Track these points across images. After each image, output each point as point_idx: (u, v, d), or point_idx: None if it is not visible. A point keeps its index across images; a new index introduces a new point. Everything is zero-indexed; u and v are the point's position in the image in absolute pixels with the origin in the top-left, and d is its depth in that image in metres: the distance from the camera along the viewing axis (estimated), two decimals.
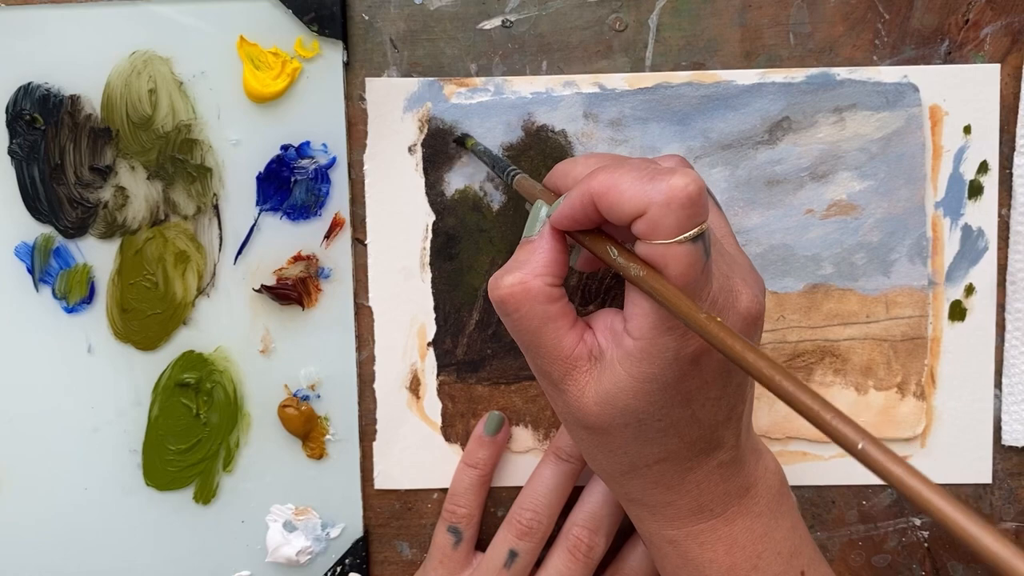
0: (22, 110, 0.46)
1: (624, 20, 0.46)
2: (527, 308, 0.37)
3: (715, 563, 0.39)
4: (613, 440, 0.37)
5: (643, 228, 0.33)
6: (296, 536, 0.48)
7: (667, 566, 0.40)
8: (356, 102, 0.47)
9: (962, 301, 0.47)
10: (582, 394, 0.37)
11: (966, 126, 0.46)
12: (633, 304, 0.35)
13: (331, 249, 0.47)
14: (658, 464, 0.38)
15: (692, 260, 0.33)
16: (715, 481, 0.39)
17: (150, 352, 0.48)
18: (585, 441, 0.39)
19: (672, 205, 0.33)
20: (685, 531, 0.39)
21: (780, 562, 0.40)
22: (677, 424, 0.37)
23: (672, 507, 0.39)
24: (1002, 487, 0.48)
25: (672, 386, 0.36)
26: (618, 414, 0.36)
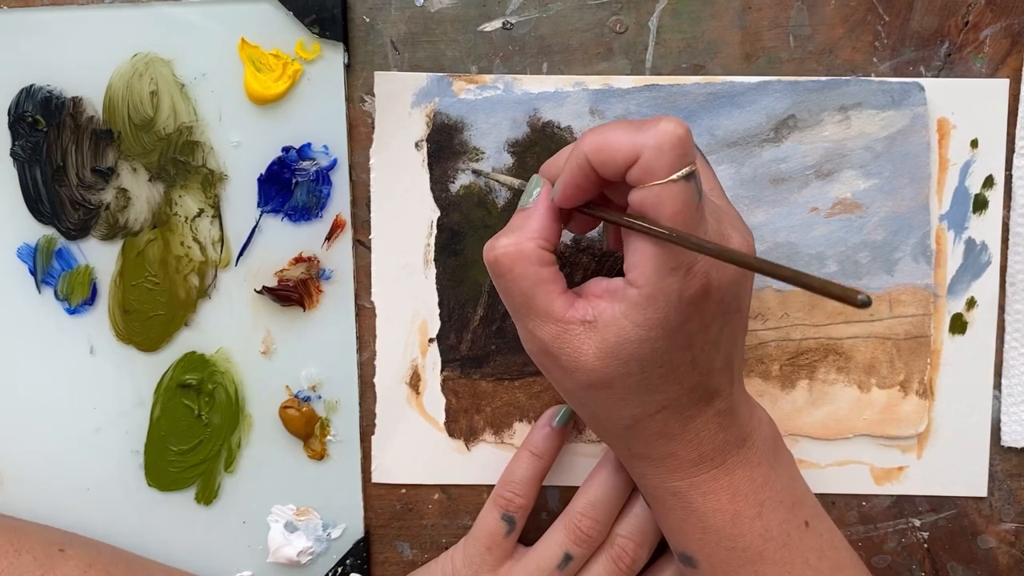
0: (24, 112, 0.47)
1: (624, 22, 0.46)
2: (520, 269, 0.38)
3: (719, 512, 0.40)
4: (615, 393, 0.38)
5: (638, 173, 0.35)
6: (297, 536, 0.48)
7: (671, 520, 0.41)
8: (357, 104, 0.47)
9: (963, 314, 0.47)
10: (579, 353, 0.38)
11: (973, 140, 0.47)
12: (635, 253, 0.37)
13: (332, 250, 0.47)
14: (660, 413, 0.39)
15: (687, 197, 0.35)
16: (713, 430, 0.40)
17: (152, 353, 0.48)
18: (586, 401, 0.40)
19: (663, 146, 0.35)
20: (688, 481, 0.40)
21: (783, 510, 0.41)
22: (678, 369, 0.38)
23: (674, 458, 0.40)
24: (1001, 488, 0.48)
25: (676, 329, 0.37)
26: (621, 364, 0.37)
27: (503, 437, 0.48)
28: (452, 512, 0.49)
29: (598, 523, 0.45)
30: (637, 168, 0.35)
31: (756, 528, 0.40)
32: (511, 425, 0.48)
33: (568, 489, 0.48)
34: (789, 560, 0.40)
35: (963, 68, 0.46)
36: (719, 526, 0.40)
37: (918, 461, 0.48)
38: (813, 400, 0.48)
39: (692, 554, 0.41)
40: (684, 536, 0.41)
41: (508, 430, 0.48)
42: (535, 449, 0.47)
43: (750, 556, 0.40)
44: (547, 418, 0.47)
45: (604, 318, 0.38)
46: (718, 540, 0.40)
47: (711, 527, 0.40)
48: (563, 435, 0.47)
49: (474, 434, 0.49)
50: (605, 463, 0.46)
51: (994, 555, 0.49)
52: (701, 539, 0.40)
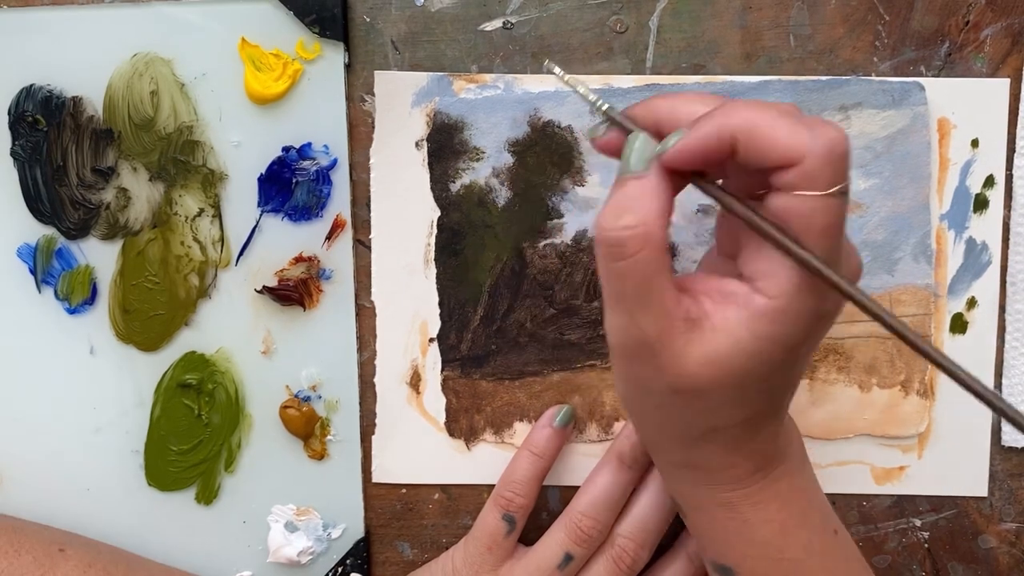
0: (24, 112, 0.47)
1: (625, 22, 0.46)
2: (646, 254, 0.34)
3: (769, 522, 0.38)
4: (703, 403, 0.36)
5: (794, 179, 0.32)
6: (297, 536, 0.48)
7: (715, 532, 0.39)
8: (357, 103, 0.47)
9: (964, 314, 0.47)
10: (681, 354, 0.34)
11: (974, 140, 0.47)
12: (770, 260, 0.33)
13: (332, 250, 0.47)
14: (737, 426, 0.37)
15: (840, 214, 0.33)
16: (771, 440, 0.38)
17: (152, 353, 0.48)
18: (664, 405, 0.36)
19: (832, 156, 0.32)
20: (741, 492, 0.38)
21: (818, 519, 0.40)
22: (777, 386, 0.36)
23: (733, 469, 0.38)
24: (1002, 488, 0.48)
25: (794, 348, 0.34)
26: (724, 376, 0.34)
27: (503, 437, 0.48)
28: (452, 512, 0.49)
29: (599, 523, 0.45)
30: (795, 173, 0.32)
31: (800, 538, 0.39)
32: (511, 425, 0.48)
33: (568, 489, 0.48)
34: (825, 569, 0.39)
35: (964, 68, 0.46)
36: (767, 538, 0.38)
37: (919, 461, 0.48)
38: (814, 400, 0.48)
39: (732, 566, 0.40)
40: (728, 548, 0.39)
41: (508, 430, 0.48)
42: (535, 449, 0.46)
43: (792, 568, 0.39)
44: (547, 418, 0.47)
45: (715, 322, 0.34)
46: (765, 552, 0.39)
47: (759, 539, 0.38)
48: (564, 435, 0.47)
49: (474, 434, 0.49)
50: (606, 463, 0.46)
51: (995, 555, 0.49)
52: (746, 552, 0.39)
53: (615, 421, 0.48)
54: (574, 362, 0.48)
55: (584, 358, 0.48)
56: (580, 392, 0.48)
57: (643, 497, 0.46)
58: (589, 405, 0.48)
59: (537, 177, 0.47)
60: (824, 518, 0.40)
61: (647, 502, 0.46)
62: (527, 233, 0.47)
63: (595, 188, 0.47)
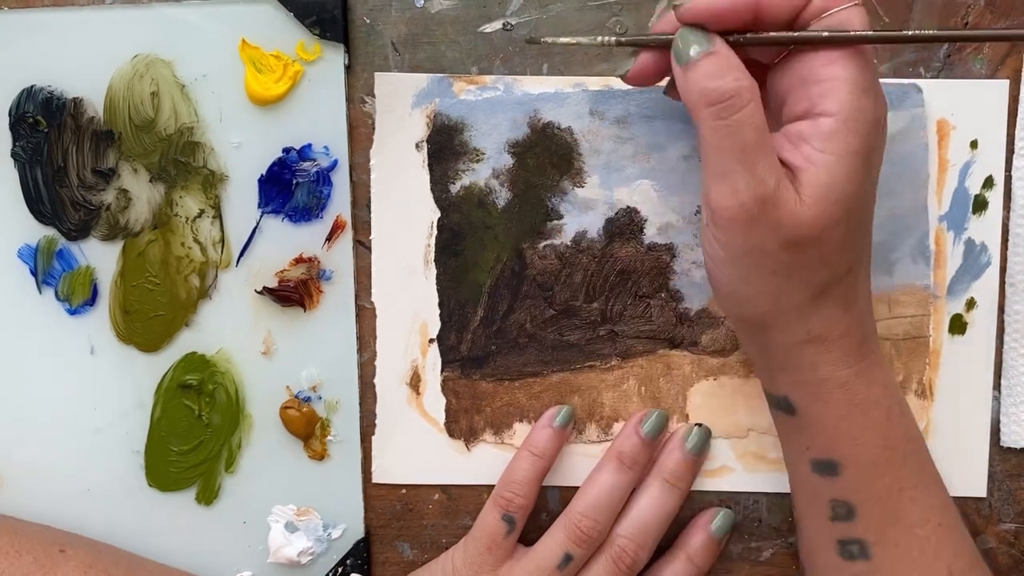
0: (25, 113, 0.47)
1: (624, 23, 0.46)
2: (756, 103, 0.37)
3: (879, 404, 0.40)
4: (820, 250, 0.38)
5: (822, 1, 0.37)
6: (298, 537, 0.49)
7: (829, 418, 0.40)
8: (358, 105, 0.47)
9: (963, 315, 0.47)
10: (798, 200, 0.37)
11: (973, 141, 0.47)
12: (822, 83, 0.37)
13: (332, 251, 0.47)
14: (847, 276, 0.39)
15: (867, 21, 0.37)
16: (870, 307, 0.41)
17: (152, 354, 0.48)
18: (784, 268, 0.38)
19: None
20: (856, 368, 0.40)
21: (909, 412, 0.42)
22: (867, 216, 0.39)
23: (848, 337, 0.40)
24: (1001, 488, 0.48)
25: (870, 161, 0.37)
26: (833, 208, 0.37)
27: (503, 437, 0.48)
28: (452, 512, 0.49)
29: (598, 523, 0.45)
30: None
31: (902, 427, 0.41)
32: (511, 425, 0.48)
33: (568, 489, 0.48)
34: (923, 465, 0.42)
35: (963, 69, 0.46)
36: (877, 421, 0.40)
37: None
38: None
39: (840, 458, 0.41)
40: (839, 436, 0.40)
41: (508, 430, 0.48)
42: (535, 449, 0.47)
43: (897, 458, 0.40)
44: (547, 418, 0.47)
45: (800, 165, 0.37)
46: (874, 438, 0.40)
47: (870, 422, 0.40)
48: (563, 435, 0.47)
49: (474, 434, 0.49)
50: (605, 463, 0.46)
51: (994, 555, 0.49)
52: (858, 437, 0.40)
53: (614, 422, 0.48)
54: (574, 363, 0.48)
55: (584, 359, 0.48)
56: (580, 393, 0.48)
57: (643, 497, 0.46)
58: (588, 406, 0.48)
59: (537, 178, 0.47)
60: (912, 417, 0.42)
61: (647, 502, 0.46)
62: (527, 234, 0.47)
63: (595, 189, 0.47)
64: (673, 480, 0.46)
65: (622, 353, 0.48)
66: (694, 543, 0.47)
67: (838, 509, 0.41)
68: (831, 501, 0.41)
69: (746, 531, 0.49)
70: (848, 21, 0.37)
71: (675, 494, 0.46)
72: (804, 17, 0.38)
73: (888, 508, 0.41)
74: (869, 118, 0.37)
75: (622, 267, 0.48)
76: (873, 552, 0.41)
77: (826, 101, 0.37)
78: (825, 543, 0.42)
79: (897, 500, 0.40)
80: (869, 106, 0.37)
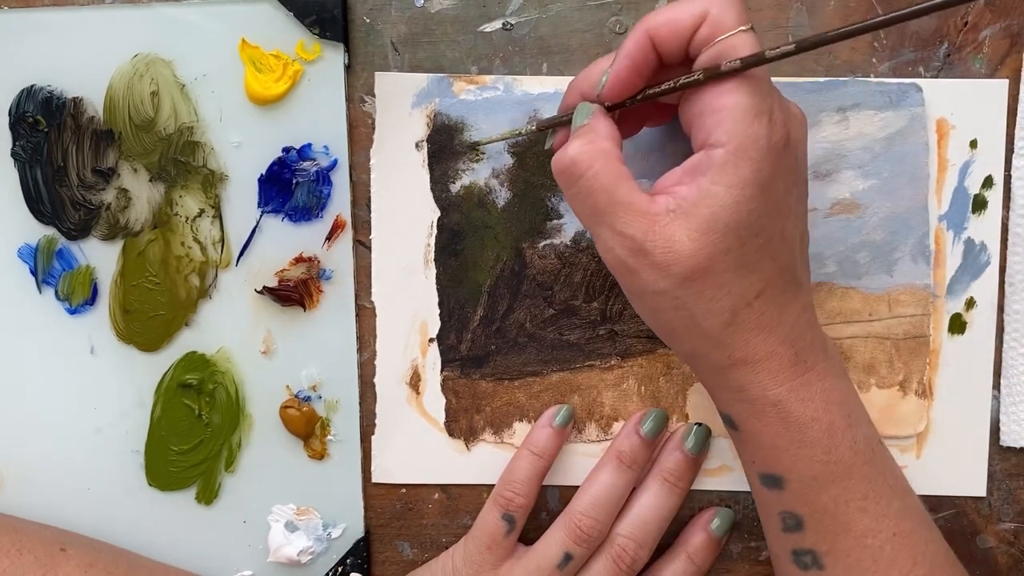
0: (25, 112, 0.47)
1: (624, 23, 0.46)
2: (600, 165, 0.38)
3: (816, 421, 0.39)
4: (715, 279, 0.37)
5: (707, 31, 0.37)
6: (298, 536, 0.49)
7: (766, 437, 0.40)
8: (357, 104, 0.47)
9: (962, 314, 0.47)
10: (673, 241, 0.37)
11: (972, 140, 0.47)
12: (713, 114, 0.37)
13: (332, 251, 0.48)
14: (757, 300, 0.38)
15: (756, 44, 0.37)
16: (804, 325, 0.40)
17: (152, 353, 0.48)
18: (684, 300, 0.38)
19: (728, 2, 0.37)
20: (787, 387, 0.39)
21: (864, 424, 0.41)
22: (771, 240, 0.38)
23: (774, 358, 0.39)
24: (1000, 488, 0.48)
25: (767, 186, 0.37)
26: (719, 239, 0.37)
27: (503, 437, 0.49)
28: (452, 512, 0.49)
29: (598, 522, 0.45)
30: (706, 26, 0.37)
31: (847, 440, 0.40)
32: (511, 425, 0.48)
33: (568, 489, 0.48)
34: (873, 476, 0.40)
35: (962, 68, 0.46)
36: (815, 437, 0.39)
37: (917, 461, 0.48)
38: None
39: (782, 473, 0.40)
40: (777, 453, 0.40)
41: (508, 430, 0.49)
42: (535, 448, 0.47)
43: (841, 471, 0.40)
44: (547, 418, 0.47)
45: (691, 198, 0.37)
46: (812, 453, 0.40)
47: (808, 439, 0.39)
48: (563, 435, 0.47)
49: (474, 434, 0.49)
50: (605, 463, 0.46)
51: (993, 555, 0.49)
52: (796, 453, 0.40)
53: (614, 421, 0.48)
54: (573, 362, 0.48)
55: (583, 358, 0.48)
56: (579, 392, 0.48)
57: (643, 497, 0.46)
58: (588, 405, 0.48)
59: (536, 178, 0.47)
60: (869, 426, 0.41)
61: (647, 502, 0.46)
62: (526, 234, 0.48)
63: None
64: (673, 479, 0.46)
65: (622, 352, 0.48)
66: (694, 542, 0.47)
67: (787, 520, 0.41)
68: (780, 513, 0.41)
69: (746, 530, 0.49)
70: (733, 49, 0.37)
71: (675, 493, 0.46)
72: (694, 47, 0.38)
73: (836, 519, 0.40)
74: (763, 144, 0.36)
75: None
76: (826, 562, 0.41)
77: (717, 131, 0.37)
78: (782, 552, 0.42)
79: (844, 511, 0.40)
80: (763, 131, 0.36)
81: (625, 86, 0.39)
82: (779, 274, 0.39)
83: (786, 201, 0.38)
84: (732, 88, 0.37)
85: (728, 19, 0.37)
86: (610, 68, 0.39)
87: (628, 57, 0.38)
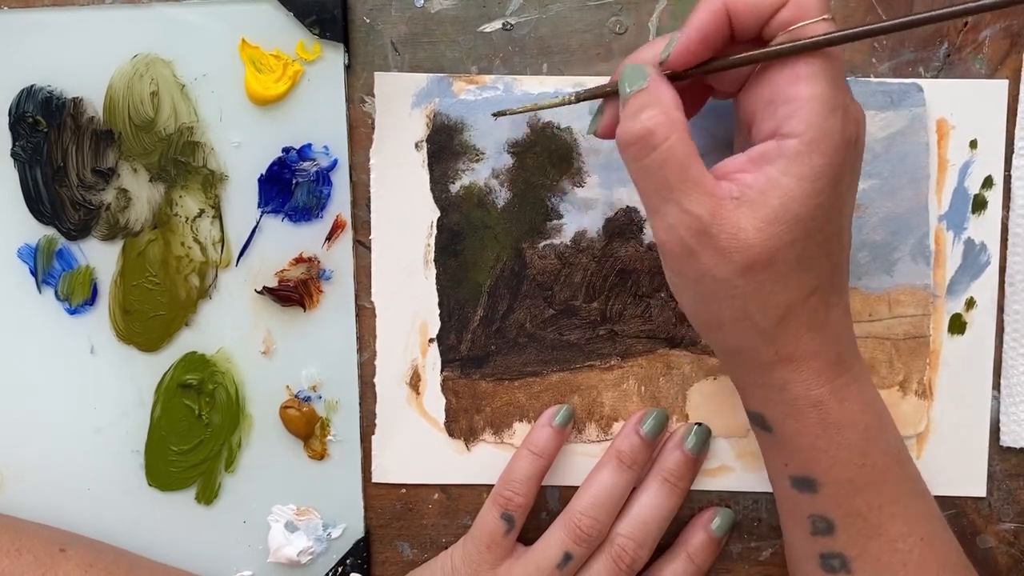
0: (25, 112, 0.47)
1: (624, 23, 0.46)
2: (676, 137, 0.36)
3: (854, 423, 0.39)
4: (775, 271, 0.37)
5: (789, 14, 0.36)
6: (298, 536, 0.49)
7: (804, 438, 0.40)
8: (357, 104, 0.47)
9: (962, 315, 0.47)
10: (738, 228, 0.36)
11: (972, 140, 0.47)
12: (788, 103, 0.36)
13: (332, 251, 0.48)
14: (812, 297, 0.38)
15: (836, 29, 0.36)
16: (846, 326, 0.40)
17: (152, 353, 0.48)
18: (741, 290, 0.37)
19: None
20: (829, 387, 0.39)
21: (893, 429, 0.41)
22: (831, 238, 0.37)
23: (818, 357, 0.39)
24: (1000, 488, 0.48)
25: (837, 181, 0.36)
26: (786, 231, 0.36)
27: (503, 437, 0.49)
28: (452, 512, 0.49)
29: (598, 522, 0.45)
30: (790, 7, 0.36)
31: (880, 444, 0.40)
32: (511, 425, 0.48)
33: (568, 489, 0.48)
34: (903, 480, 0.40)
35: (962, 69, 0.46)
36: (853, 440, 0.39)
37: (917, 461, 0.48)
38: None
39: (817, 476, 0.40)
40: (815, 455, 0.40)
41: (508, 430, 0.49)
42: (535, 448, 0.47)
43: (875, 475, 0.40)
44: (547, 417, 0.47)
45: (758, 187, 0.36)
46: (850, 456, 0.39)
47: (845, 441, 0.39)
48: (563, 434, 0.47)
49: (474, 434, 0.49)
50: (605, 462, 0.46)
51: (993, 555, 0.49)
52: (834, 456, 0.39)
53: (614, 421, 0.48)
54: (573, 362, 0.48)
55: (583, 358, 0.48)
56: (579, 392, 0.48)
57: (643, 497, 0.46)
58: (588, 405, 0.48)
59: (536, 178, 0.47)
60: (896, 430, 0.41)
61: (647, 502, 0.46)
62: (526, 234, 0.48)
63: (594, 189, 0.47)
64: (673, 479, 0.46)
65: (622, 353, 0.48)
66: (694, 542, 0.47)
67: (818, 524, 0.41)
68: (811, 516, 0.41)
69: (746, 531, 0.49)
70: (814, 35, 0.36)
71: (675, 493, 0.46)
72: (771, 28, 0.37)
73: (868, 523, 0.40)
74: (837, 139, 0.36)
75: (622, 267, 0.48)
76: (854, 566, 0.41)
77: (791, 122, 0.36)
78: (808, 556, 0.42)
79: (877, 515, 0.40)
80: (837, 126, 0.36)
81: (693, 55, 0.37)
82: (833, 272, 0.39)
83: (848, 198, 0.38)
84: (811, 76, 0.36)
85: (813, 4, 0.36)
86: (679, 33, 0.37)
87: (700, 26, 0.37)
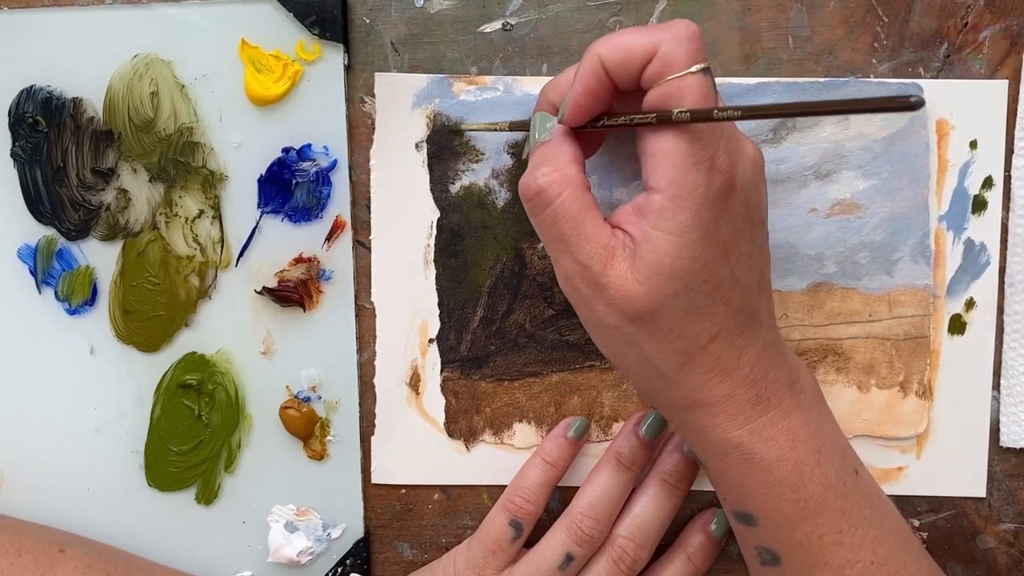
0: (25, 113, 0.47)
1: (624, 23, 0.46)
2: (568, 193, 0.37)
3: (782, 460, 0.39)
4: (665, 322, 0.37)
5: (656, 68, 0.36)
6: (297, 537, 0.49)
7: (732, 476, 0.40)
8: (357, 104, 0.47)
9: (962, 315, 0.47)
10: (625, 280, 0.37)
11: (972, 141, 0.47)
12: (653, 158, 0.36)
13: (332, 251, 0.48)
14: (712, 344, 0.38)
15: (706, 88, 0.36)
16: (765, 365, 0.39)
17: (152, 353, 0.48)
18: (636, 340, 0.38)
19: (681, 39, 0.35)
20: (749, 428, 0.39)
21: (837, 458, 0.40)
22: (721, 284, 0.37)
23: (733, 400, 0.38)
24: (1000, 488, 0.48)
25: (709, 232, 0.36)
26: (665, 283, 0.36)
27: (503, 438, 0.49)
28: (452, 512, 0.49)
29: (599, 523, 0.45)
30: (656, 63, 0.36)
31: (816, 476, 0.39)
32: (511, 426, 0.48)
33: (568, 489, 0.48)
34: (847, 509, 0.40)
35: (962, 69, 0.46)
36: (782, 477, 0.39)
37: (917, 461, 0.48)
38: None
39: (752, 511, 0.40)
40: (746, 492, 0.40)
41: (508, 431, 0.49)
42: (548, 457, 0.47)
43: (812, 508, 0.39)
44: (563, 428, 0.47)
45: (638, 239, 0.37)
46: (781, 492, 0.39)
47: (775, 479, 0.39)
48: (577, 447, 0.47)
49: (474, 435, 0.49)
50: (605, 463, 0.46)
51: (993, 555, 0.49)
52: (764, 493, 0.39)
53: (614, 422, 0.48)
54: (573, 363, 0.48)
55: (583, 359, 0.48)
56: (579, 393, 0.48)
57: (643, 497, 0.46)
58: (588, 406, 0.48)
59: None
60: (843, 458, 0.40)
61: (647, 502, 0.46)
62: (526, 234, 0.47)
63: (594, 189, 0.47)
64: (673, 480, 0.46)
65: None
66: (694, 543, 0.47)
67: (764, 555, 0.41)
68: (756, 548, 0.41)
69: None
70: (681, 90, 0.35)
71: (675, 494, 0.46)
72: (645, 82, 0.37)
73: (812, 554, 0.40)
74: (700, 193, 0.36)
75: None
76: None
77: (655, 175, 0.36)
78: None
79: (819, 546, 0.40)
80: (701, 180, 0.35)
81: (584, 111, 0.38)
82: (734, 317, 0.38)
83: (735, 245, 0.37)
84: (671, 133, 0.36)
85: (678, 58, 0.35)
86: (569, 93, 0.38)
87: (584, 83, 0.38)
